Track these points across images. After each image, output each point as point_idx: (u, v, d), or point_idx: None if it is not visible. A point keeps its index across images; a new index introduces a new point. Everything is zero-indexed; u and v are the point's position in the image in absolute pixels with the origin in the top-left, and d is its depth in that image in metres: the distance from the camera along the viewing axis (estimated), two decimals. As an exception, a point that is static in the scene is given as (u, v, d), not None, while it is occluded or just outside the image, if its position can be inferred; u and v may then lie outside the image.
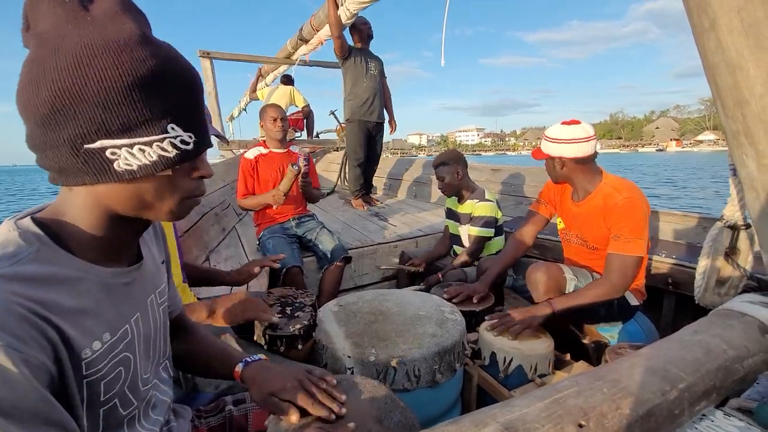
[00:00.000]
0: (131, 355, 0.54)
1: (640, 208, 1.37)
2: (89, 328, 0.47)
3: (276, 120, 2.23)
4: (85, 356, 0.46)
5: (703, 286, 1.01)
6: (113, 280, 0.52)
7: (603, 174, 1.50)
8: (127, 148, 0.45)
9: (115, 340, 0.51)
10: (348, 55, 3.21)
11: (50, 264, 0.45)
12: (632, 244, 1.35)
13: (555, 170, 1.54)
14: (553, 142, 1.48)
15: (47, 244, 0.46)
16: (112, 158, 0.45)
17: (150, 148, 0.46)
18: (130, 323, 0.55)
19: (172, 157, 0.47)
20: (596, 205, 1.47)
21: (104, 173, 0.45)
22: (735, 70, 0.79)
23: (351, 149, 3.49)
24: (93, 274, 0.49)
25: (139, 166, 0.46)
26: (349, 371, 1.11)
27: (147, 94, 0.44)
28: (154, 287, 0.63)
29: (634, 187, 1.43)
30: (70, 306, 0.45)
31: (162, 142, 0.46)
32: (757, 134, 0.78)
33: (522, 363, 1.25)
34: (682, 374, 0.61)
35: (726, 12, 0.78)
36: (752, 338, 0.74)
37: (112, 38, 0.43)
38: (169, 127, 0.47)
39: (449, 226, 2.32)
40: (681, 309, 1.77)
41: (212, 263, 2.13)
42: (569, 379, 0.59)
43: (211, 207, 2.70)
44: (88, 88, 0.42)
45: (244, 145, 4.37)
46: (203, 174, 0.54)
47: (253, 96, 5.72)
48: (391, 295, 1.51)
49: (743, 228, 0.96)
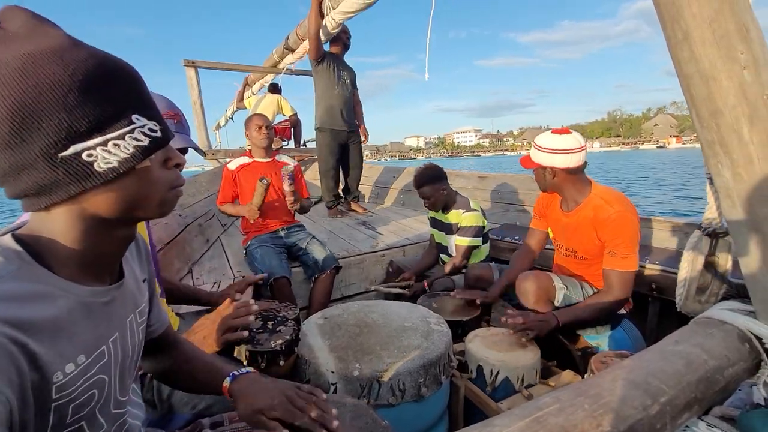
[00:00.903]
0: (106, 376, 0.52)
1: (632, 221, 1.38)
2: (64, 350, 0.45)
3: (261, 128, 2.20)
4: (56, 380, 0.44)
5: (684, 293, 1.02)
6: (93, 299, 0.51)
7: (592, 184, 1.51)
8: (101, 146, 0.45)
9: (90, 362, 0.49)
10: (322, 59, 3.20)
11: (30, 282, 0.44)
12: (628, 259, 1.36)
13: (545, 180, 1.53)
14: (545, 151, 1.47)
15: (28, 261, 0.45)
16: (90, 160, 0.44)
17: (123, 141, 0.46)
18: (108, 344, 0.53)
19: (146, 146, 0.48)
20: (586, 216, 1.47)
21: (87, 177, 0.45)
22: (708, 81, 0.80)
23: (321, 159, 3.44)
24: (73, 292, 0.48)
25: (119, 161, 0.46)
26: (332, 387, 1.08)
27: (104, 90, 0.44)
28: (135, 306, 0.61)
29: (624, 199, 1.44)
30: (48, 327, 0.44)
31: (132, 132, 0.47)
32: (731, 144, 0.79)
33: (508, 375, 1.24)
34: (663, 387, 0.60)
35: (698, 24, 0.79)
36: (732, 347, 0.74)
37: (46, 45, 0.42)
38: (134, 118, 0.47)
39: (435, 235, 2.31)
40: (666, 314, 1.78)
41: (195, 276, 2.08)
42: (551, 395, 0.57)
43: (195, 218, 2.65)
44: (44, 95, 0.41)
45: (230, 154, 4.32)
46: (178, 162, 0.54)
47: (240, 105, 5.69)
48: (376, 306, 1.49)
49: (722, 235, 0.97)
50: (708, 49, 0.79)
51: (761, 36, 0.78)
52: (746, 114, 0.77)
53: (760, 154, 0.77)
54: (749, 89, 0.76)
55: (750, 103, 0.76)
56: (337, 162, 3.45)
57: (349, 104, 3.37)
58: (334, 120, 3.30)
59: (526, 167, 1.59)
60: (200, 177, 3.37)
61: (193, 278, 2.05)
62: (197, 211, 2.78)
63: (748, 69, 0.76)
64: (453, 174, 3.60)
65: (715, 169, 0.84)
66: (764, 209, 0.77)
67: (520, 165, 1.66)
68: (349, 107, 3.36)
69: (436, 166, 2.22)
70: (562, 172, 1.46)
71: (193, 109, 4.42)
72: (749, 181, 0.78)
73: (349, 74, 3.35)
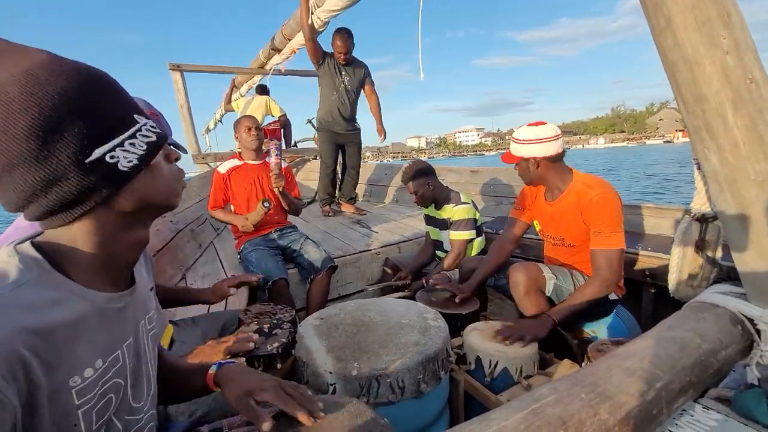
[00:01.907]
0: (122, 380, 0.53)
1: (614, 201, 1.41)
2: (82, 354, 0.47)
3: (250, 129, 2.19)
4: (74, 384, 0.45)
5: (676, 279, 1.03)
6: (108, 304, 0.52)
7: (573, 172, 1.54)
8: (119, 147, 0.47)
9: (107, 366, 0.50)
10: (322, 60, 3.17)
11: (49, 289, 0.45)
12: (613, 237, 1.38)
13: (529, 171, 1.55)
14: (524, 143, 1.50)
15: (47, 269, 0.46)
16: (114, 161, 0.47)
17: (136, 140, 0.49)
18: (122, 349, 0.54)
19: (155, 140, 0.51)
20: (570, 203, 1.50)
21: (115, 178, 0.48)
22: (692, 66, 0.81)
23: (321, 157, 3.50)
24: (90, 298, 0.49)
25: (138, 158, 0.49)
26: (331, 387, 1.08)
27: (107, 94, 0.47)
28: (145, 312, 0.63)
29: (605, 182, 1.47)
30: (65, 333, 0.45)
31: (141, 131, 0.50)
32: (716, 129, 0.80)
33: (507, 365, 1.24)
34: (658, 372, 0.60)
35: (681, 10, 0.79)
36: (725, 330, 0.75)
37: (37, 61, 0.43)
38: (136, 117, 0.50)
39: (430, 232, 2.31)
40: (660, 300, 1.80)
41: (189, 281, 2.07)
42: (547, 386, 0.58)
43: (186, 223, 2.63)
44: (60, 106, 0.43)
45: (220, 157, 4.27)
46: (176, 156, 0.58)
47: (228, 108, 5.63)
48: (373, 304, 1.49)
49: (711, 220, 0.98)
50: (691, 35, 0.79)
51: (743, 21, 0.79)
52: (730, 99, 0.78)
53: (745, 138, 0.77)
54: (732, 74, 0.77)
55: (734, 88, 0.77)
56: (335, 162, 3.45)
57: (350, 106, 3.32)
58: (331, 122, 3.30)
59: (509, 162, 1.62)
60: (191, 182, 3.35)
61: (187, 284, 2.04)
62: (189, 216, 2.75)
63: (730, 54, 0.77)
64: (445, 169, 3.61)
65: (702, 154, 0.84)
66: (750, 192, 0.78)
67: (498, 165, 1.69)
68: (348, 109, 3.32)
69: (422, 161, 2.23)
70: (544, 161, 1.50)
71: (181, 113, 4.37)
72: (735, 165, 0.79)
73: (352, 78, 3.25)
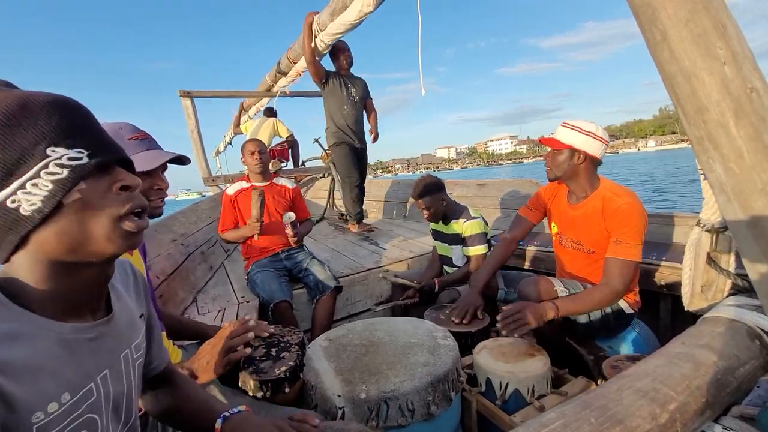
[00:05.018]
0: (97, 416, 0.50)
1: (641, 213, 1.38)
2: (45, 388, 0.44)
3: (254, 154, 2.23)
4: (36, 420, 0.42)
5: (690, 291, 1.00)
6: (76, 335, 0.50)
7: (601, 180, 1.52)
8: (21, 190, 0.44)
9: (77, 400, 0.48)
10: (326, 79, 3.19)
11: (6, 322, 0.44)
12: (633, 249, 1.35)
13: (568, 163, 1.47)
14: (583, 133, 1.43)
15: (3, 303, 0.45)
16: (14, 206, 0.44)
17: (40, 179, 0.44)
18: (96, 381, 0.51)
19: (65, 177, 0.45)
20: (594, 208, 1.47)
21: (19, 224, 0.44)
22: (691, 78, 0.80)
23: (345, 173, 3.36)
24: (52, 330, 0.47)
25: (41, 201, 0.44)
26: (340, 411, 1.06)
27: (9, 132, 0.43)
28: (129, 342, 0.60)
29: (633, 193, 1.44)
30: (25, 365, 0.43)
31: (47, 167, 0.45)
32: (719, 139, 0.79)
33: (518, 386, 1.21)
34: (671, 393, 0.58)
35: (675, 24, 0.80)
36: (741, 345, 0.72)
37: None
38: (48, 151, 0.45)
39: (438, 247, 2.30)
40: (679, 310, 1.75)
41: (200, 304, 2.08)
42: (555, 410, 0.56)
43: (197, 246, 2.66)
44: None
45: (230, 179, 4.35)
46: (126, 183, 0.50)
47: (237, 131, 5.76)
48: (381, 323, 1.47)
49: (721, 231, 0.96)
50: (687, 48, 0.79)
51: (739, 32, 0.79)
52: (731, 109, 0.77)
53: (749, 147, 0.76)
54: (731, 84, 0.76)
55: (734, 98, 0.76)
56: (359, 175, 3.37)
57: (360, 121, 3.36)
58: (347, 135, 3.29)
59: (552, 146, 1.50)
60: (201, 204, 3.40)
61: (198, 307, 2.05)
62: (199, 239, 2.79)
63: (728, 65, 0.76)
64: (452, 183, 3.61)
65: (707, 165, 0.83)
66: (759, 202, 0.76)
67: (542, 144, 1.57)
68: (360, 124, 3.35)
69: (434, 176, 2.23)
70: (589, 159, 1.46)
71: (191, 138, 4.48)
72: (741, 175, 0.78)
73: (357, 90, 3.31)
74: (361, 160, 3.46)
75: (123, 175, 0.50)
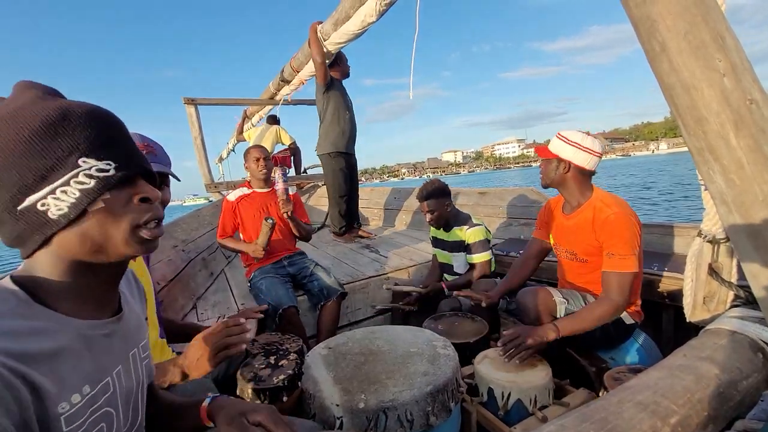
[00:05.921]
0: (113, 410, 0.53)
1: (631, 222, 1.37)
2: (68, 380, 0.47)
3: (259, 160, 2.24)
4: (62, 410, 0.45)
5: (691, 303, 0.99)
6: (92, 331, 0.53)
7: (594, 190, 1.52)
8: (51, 195, 0.47)
9: (96, 393, 0.51)
10: (330, 84, 3.21)
11: (28, 319, 0.46)
12: (627, 260, 1.34)
13: (554, 173, 1.51)
14: (571, 144, 1.47)
15: (25, 300, 0.48)
16: (44, 209, 0.47)
17: (69, 187, 0.48)
18: (112, 376, 0.54)
19: (92, 187, 0.49)
20: (586, 218, 1.48)
21: (45, 226, 0.48)
22: (690, 90, 0.81)
23: (336, 185, 3.34)
24: (71, 326, 0.50)
25: (68, 207, 0.48)
26: (338, 420, 1.05)
27: (48, 140, 0.47)
28: (137, 341, 0.63)
29: (623, 202, 1.44)
30: (48, 359, 0.46)
31: (77, 176, 0.48)
32: (719, 150, 0.79)
33: (520, 397, 1.20)
34: (672, 407, 0.58)
35: (674, 36, 0.80)
36: (744, 358, 0.72)
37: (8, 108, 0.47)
38: (80, 161, 0.48)
39: (438, 255, 2.30)
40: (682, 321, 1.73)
41: (199, 311, 2.07)
42: (555, 423, 0.55)
43: (198, 252, 2.66)
44: None
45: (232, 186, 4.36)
46: (146, 196, 0.53)
47: (240, 138, 5.79)
48: (381, 332, 1.47)
49: (723, 241, 0.95)
50: (686, 60, 0.79)
51: (738, 43, 0.79)
52: (731, 120, 0.77)
53: (749, 158, 0.76)
54: (731, 96, 0.77)
55: (734, 110, 0.76)
56: (351, 187, 3.41)
57: (356, 128, 3.39)
58: (347, 144, 3.29)
59: (542, 155, 1.56)
60: (203, 210, 3.41)
61: (198, 313, 2.04)
62: (201, 245, 2.79)
63: (727, 76, 0.77)
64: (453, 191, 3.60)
65: (707, 176, 0.83)
66: (760, 213, 0.76)
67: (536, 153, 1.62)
68: (356, 131, 3.38)
69: (440, 181, 2.23)
70: (576, 169, 1.47)
71: (195, 145, 4.51)
72: (742, 187, 0.78)
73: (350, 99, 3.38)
74: (353, 170, 3.48)
75: (144, 188, 0.54)
